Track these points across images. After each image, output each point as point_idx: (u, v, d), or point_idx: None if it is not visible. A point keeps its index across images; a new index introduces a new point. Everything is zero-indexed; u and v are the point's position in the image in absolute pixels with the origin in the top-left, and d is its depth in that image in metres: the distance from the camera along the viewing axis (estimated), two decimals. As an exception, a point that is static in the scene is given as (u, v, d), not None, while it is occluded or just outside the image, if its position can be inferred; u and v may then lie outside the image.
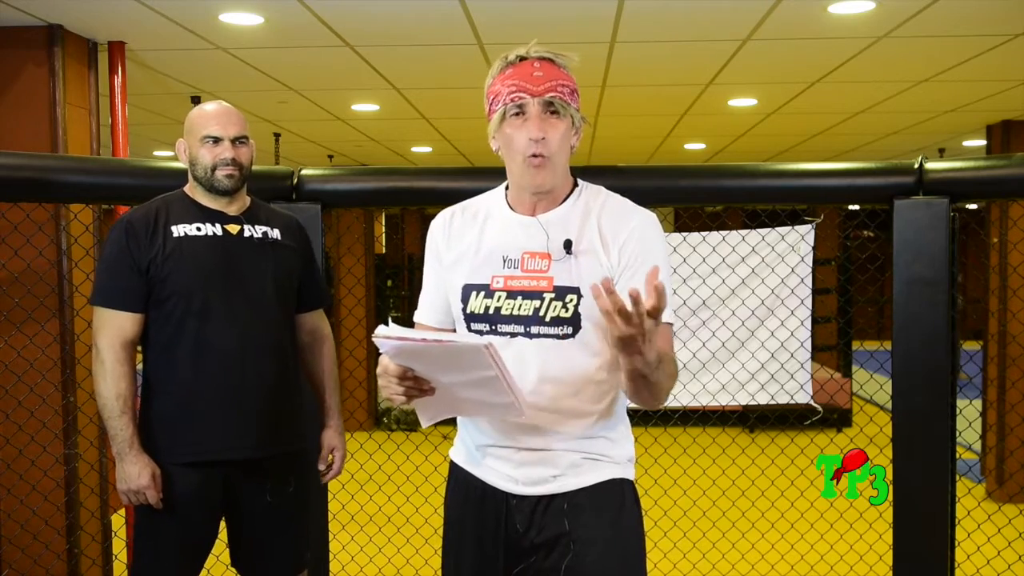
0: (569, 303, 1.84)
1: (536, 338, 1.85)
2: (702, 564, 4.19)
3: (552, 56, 1.84)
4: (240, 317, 2.49)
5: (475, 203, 2.00)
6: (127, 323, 2.47)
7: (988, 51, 4.76)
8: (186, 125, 2.58)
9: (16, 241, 3.41)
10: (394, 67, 5.16)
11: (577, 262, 1.85)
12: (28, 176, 2.92)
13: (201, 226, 2.51)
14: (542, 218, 1.89)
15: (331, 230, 8.39)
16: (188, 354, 2.47)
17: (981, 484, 6.58)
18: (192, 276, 2.46)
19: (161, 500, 2.45)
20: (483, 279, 1.89)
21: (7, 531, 3.67)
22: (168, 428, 2.49)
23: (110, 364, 2.45)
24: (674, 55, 4.90)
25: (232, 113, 2.56)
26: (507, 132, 1.84)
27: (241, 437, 2.50)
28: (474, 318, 1.89)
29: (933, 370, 2.84)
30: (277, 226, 2.63)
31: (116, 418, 2.44)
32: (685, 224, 3.77)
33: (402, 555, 4.21)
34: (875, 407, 9.39)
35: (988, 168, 2.95)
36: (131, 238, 2.46)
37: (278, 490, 2.58)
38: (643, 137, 8.03)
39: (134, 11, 3.93)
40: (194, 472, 2.48)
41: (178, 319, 2.46)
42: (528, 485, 1.90)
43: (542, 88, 1.81)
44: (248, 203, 2.63)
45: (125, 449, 2.43)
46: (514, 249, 1.88)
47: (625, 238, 1.86)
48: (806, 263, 3.21)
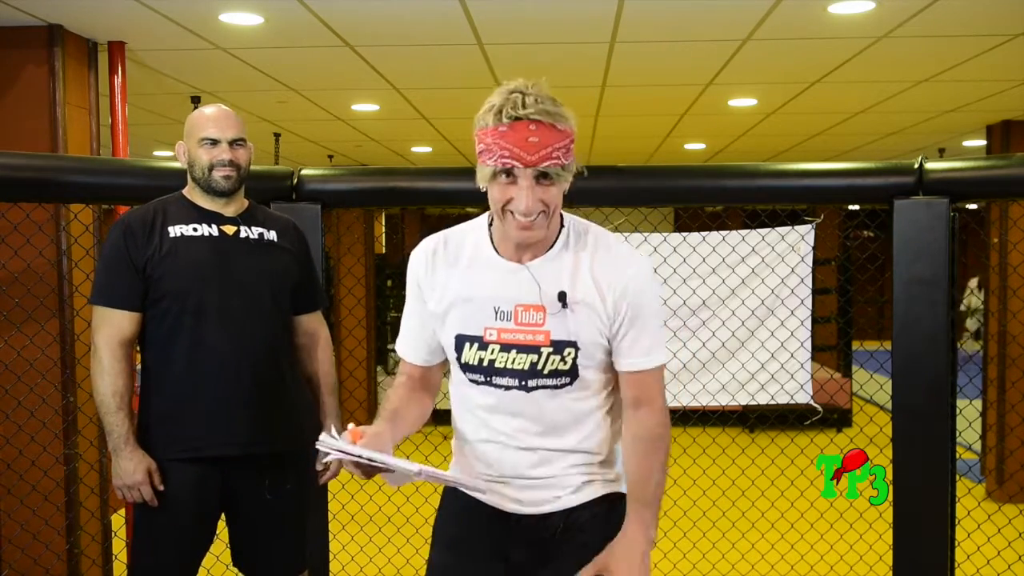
0: (567, 356, 1.82)
1: (533, 391, 1.84)
2: (702, 564, 4.19)
3: (550, 121, 1.72)
4: (235, 316, 2.52)
5: (457, 237, 1.93)
6: (124, 321, 2.50)
7: (988, 51, 4.76)
8: (185, 128, 2.61)
9: (16, 241, 3.41)
10: (394, 67, 5.16)
11: (573, 315, 1.82)
12: (28, 176, 2.92)
13: (198, 227, 2.54)
14: (532, 266, 1.84)
15: (331, 230, 8.38)
16: (183, 352, 2.50)
17: (981, 484, 6.58)
18: (187, 276, 2.49)
19: (156, 496, 2.48)
20: (475, 330, 1.85)
21: (7, 531, 3.67)
22: (165, 425, 2.52)
23: (107, 361, 2.48)
24: (674, 55, 4.90)
25: (230, 116, 2.59)
26: (495, 191, 1.77)
27: (236, 433, 2.52)
28: (469, 368, 1.88)
29: (933, 370, 2.84)
30: (274, 228, 2.65)
31: (112, 414, 2.47)
32: (685, 224, 3.77)
33: (402, 555, 4.21)
34: (875, 407, 9.38)
35: (988, 168, 2.95)
36: (129, 238, 2.50)
37: (277, 489, 2.59)
38: (643, 137, 8.02)
39: (134, 11, 3.93)
40: (191, 468, 2.50)
41: (174, 318, 2.50)
42: (530, 506, 1.91)
43: (535, 158, 1.71)
44: (246, 205, 2.66)
45: (121, 445, 2.47)
46: (506, 300, 1.84)
47: (622, 289, 1.83)
48: (806, 263, 3.21)
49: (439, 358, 1.99)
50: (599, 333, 1.84)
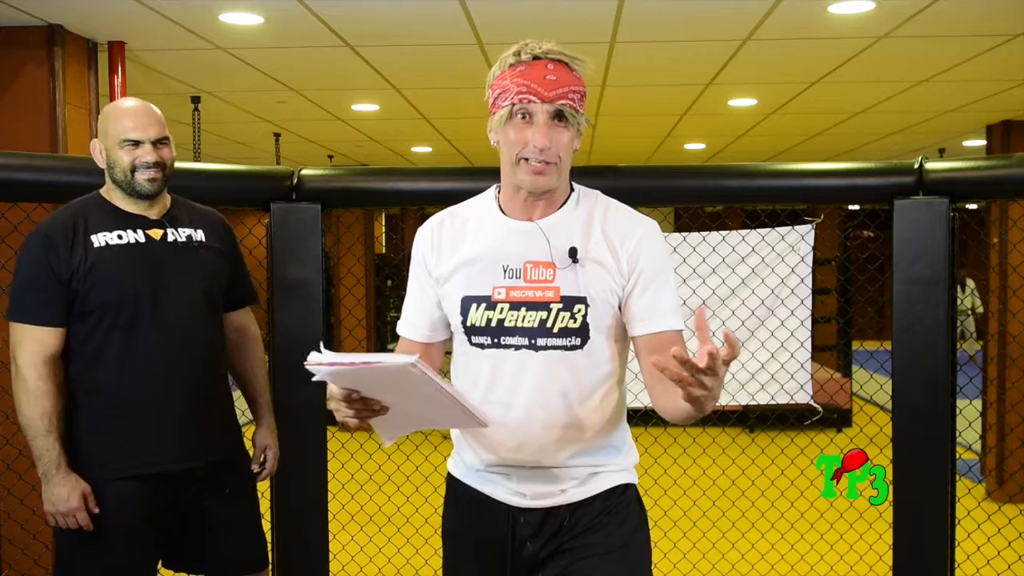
0: (577, 313, 1.80)
1: (543, 350, 1.81)
2: (702, 564, 4.19)
3: (567, 60, 1.76)
4: (168, 325, 2.38)
5: (463, 209, 1.94)
6: (48, 338, 2.33)
7: (988, 51, 4.76)
8: (100, 125, 2.43)
9: (16, 241, 3.41)
10: (394, 67, 5.16)
11: (584, 271, 1.80)
12: (28, 176, 2.91)
13: (123, 233, 2.38)
14: (542, 223, 1.83)
15: (331, 230, 8.39)
16: (114, 364, 2.35)
17: (981, 484, 6.58)
18: (117, 288, 2.34)
19: (90, 519, 2.32)
20: (483, 290, 1.83)
21: (7, 531, 3.67)
22: (99, 442, 2.37)
23: (32, 382, 2.31)
24: (674, 55, 4.90)
25: (151, 112, 2.41)
26: (510, 133, 1.77)
27: (176, 447, 2.39)
28: (475, 331, 1.84)
29: (933, 370, 2.84)
30: (200, 227, 2.51)
31: (41, 437, 2.30)
32: (685, 224, 3.76)
33: (402, 555, 4.21)
34: (875, 407, 9.38)
35: (988, 168, 2.95)
36: (50, 250, 2.33)
37: (213, 496, 2.47)
38: (643, 137, 8.03)
39: (134, 11, 3.93)
40: (129, 486, 2.35)
41: (104, 332, 2.34)
42: (535, 499, 1.88)
43: (553, 94, 1.73)
44: (169, 203, 2.50)
45: (52, 471, 2.30)
46: (515, 258, 1.82)
47: (634, 247, 1.83)
48: (806, 263, 3.20)
49: (440, 335, 1.96)
50: (611, 292, 1.82)
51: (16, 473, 3.50)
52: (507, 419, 1.84)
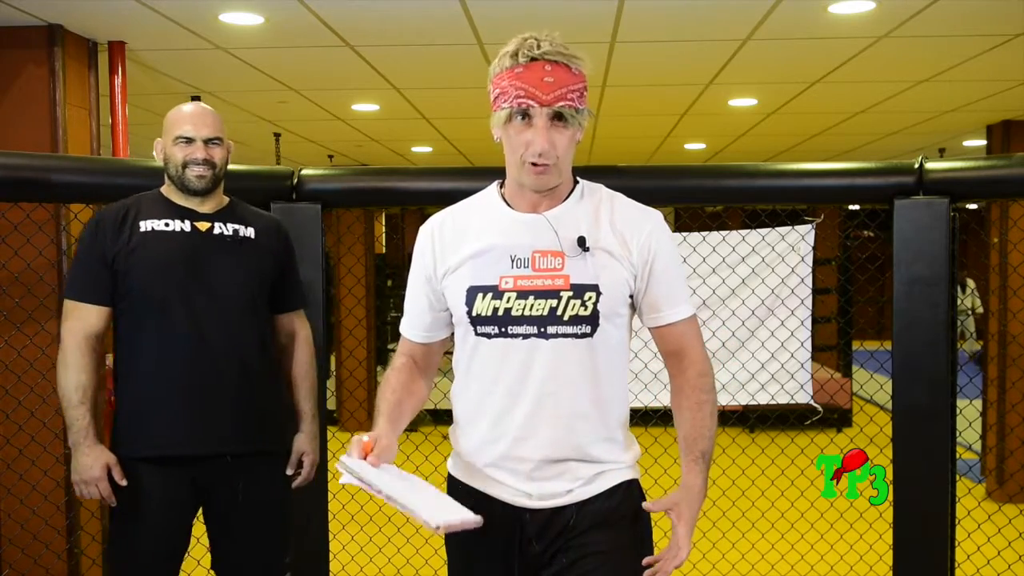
0: (588, 300, 1.80)
1: (552, 338, 1.81)
2: (702, 564, 4.19)
3: (565, 60, 1.76)
4: (200, 313, 2.47)
5: (465, 207, 1.95)
6: (92, 316, 2.47)
7: (988, 51, 4.76)
8: (164, 125, 2.58)
9: (16, 241, 3.41)
10: (394, 67, 5.16)
11: (594, 259, 1.82)
12: (28, 176, 2.92)
13: (170, 222, 2.51)
14: (548, 215, 1.85)
15: (331, 230, 8.39)
16: (149, 348, 2.46)
17: (981, 484, 6.57)
18: (153, 271, 2.46)
19: (127, 498, 2.44)
20: (490, 280, 1.83)
21: (7, 531, 3.67)
22: (130, 422, 2.48)
23: (70, 353, 2.45)
24: (674, 55, 4.90)
25: (207, 114, 2.57)
26: (511, 133, 1.79)
27: (202, 434, 2.47)
28: (481, 320, 1.83)
29: (933, 370, 2.84)
30: (253, 226, 2.60)
31: (74, 408, 2.43)
32: (685, 224, 3.76)
33: (402, 555, 4.21)
34: (875, 407, 9.38)
35: (988, 168, 2.95)
36: (100, 232, 2.49)
37: (251, 491, 2.53)
38: (643, 137, 8.03)
39: (134, 11, 3.93)
40: (158, 469, 2.45)
41: (139, 314, 2.47)
42: (542, 500, 1.87)
43: (551, 97, 1.74)
44: (225, 203, 2.62)
45: (80, 439, 2.42)
46: (523, 248, 1.83)
47: (644, 239, 1.85)
48: (806, 263, 3.21)
49: (440, 335, 1.97)
50: (623, 282, 1.83)
51: (16, 473, 3.50)
52: (514, 410, 1.84)
